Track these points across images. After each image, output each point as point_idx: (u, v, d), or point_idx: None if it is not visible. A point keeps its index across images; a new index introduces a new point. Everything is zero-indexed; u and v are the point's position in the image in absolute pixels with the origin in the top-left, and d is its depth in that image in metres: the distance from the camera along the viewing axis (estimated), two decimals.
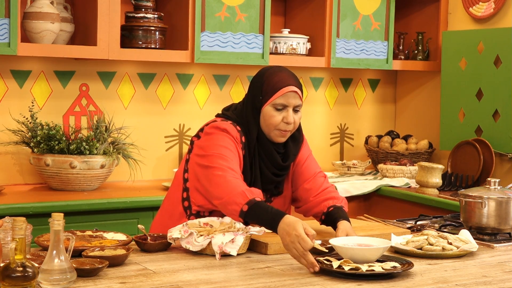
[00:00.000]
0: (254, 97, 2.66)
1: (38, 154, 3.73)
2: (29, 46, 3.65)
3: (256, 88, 2.66)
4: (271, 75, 2.64)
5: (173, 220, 2.72)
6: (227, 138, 2.61)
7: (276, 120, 2.62)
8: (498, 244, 2.76)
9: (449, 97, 4.65)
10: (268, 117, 2.63)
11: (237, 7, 4.16)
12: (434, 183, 4.14)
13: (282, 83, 2.62)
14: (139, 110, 4.29)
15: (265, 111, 2.63)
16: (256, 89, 2.66)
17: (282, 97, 2.61)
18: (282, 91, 2.61)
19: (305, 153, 2.84)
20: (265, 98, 2.62)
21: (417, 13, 4.99)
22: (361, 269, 2.22)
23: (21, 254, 1.91)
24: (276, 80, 2.62)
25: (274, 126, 2.63)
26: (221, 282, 2.16)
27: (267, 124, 2.64)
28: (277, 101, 2.61)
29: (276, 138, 2.66)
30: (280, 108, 2.62)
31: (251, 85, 2.71)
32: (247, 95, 2.72)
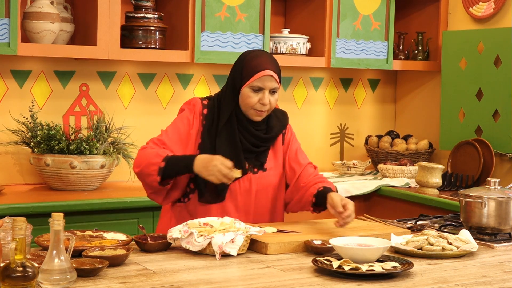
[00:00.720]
0: (234, 79, 2.84)
1: (38, 154, 3.73)
2: (29, 46, 3.65)
3: (236, 70, 2.85)
4: (251, 59, 2.83)
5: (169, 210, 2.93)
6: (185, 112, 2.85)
7: (252, 101, 2.80)
8: (498, 244, 2.76)
9: (449, 97, 4.65)
10: (245, 97, 2.81)
11: (237, 7, 4.16)
12: (434, 183, 4.14)
13: (259, 67, 2.80)
14: (139, 110, 4.29)
15: (243, 92, 2.81)
16: (236, 72, 2.85)
17: (259, 80, 2.79)
18: (259, 74, 2.79)
19: (293, 146, 3.00)
20: (243, 80, 2.81)
21: (417, 13, 4.99)
22: (361, 269, 2.22)
23: (21, 254, 1.91)
24: (254, 64, 2.81)
25: (250, 106, 2.81)
26: (221, 282, 2.16)
27: (244, 104, 2.82)
28: (254, 84, 2.80)
29: (252, 117, 2.84)
30: (257, 89, 2.80)
31: (233, 67, 2.89)
32: (229, 77, 2.89)
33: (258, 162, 2.90)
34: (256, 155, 2.89)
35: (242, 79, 2.81)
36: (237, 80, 2.83)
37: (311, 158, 4.83)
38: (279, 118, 2.97)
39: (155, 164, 2.70)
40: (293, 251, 2.55)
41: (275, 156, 2.95)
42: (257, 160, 2.90)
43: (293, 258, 2.48)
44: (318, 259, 2.32)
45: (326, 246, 2.50)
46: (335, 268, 2.23)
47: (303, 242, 2.57)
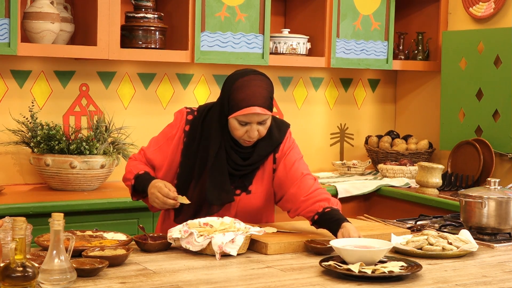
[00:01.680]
0: (223, 105, 2.72)
1: (38, 154, 3.73)
2: (29, 46, 3.65)
3: (225, 96, 2.71)
4: (239, 89, 2.66)
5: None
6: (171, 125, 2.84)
7: (239, 133, 2.69)
8: (498, 244, 2.76)
9: (449, 97, 4.65)
10: (232, 128, 2.70)
11: (237, 7, 4.16)
12: (434, 183, 4.14)
13: (246, 102, 2.63)
14: (139, 110, 4.29)
15: (231, 122, 2.69)
16: (224, 98, 2.71)
17: (245, 116, 2.64)
18: (245, 111, 2.63)
19: (292, 157, 2.81)
20: (230, 111, 2.67)
21: (417, 13, 4.99)
22: (378, 271, 2.21)
23: (21, 254, 1.91)
24: (241, 97, 2.64)
25: (238, 137, 2.71)
26: (221, 282, 2.16)
27: (232, 133, 2.72)
28: (240, 118, 2.65)
29: (243, 144, 2.73)
30: (243, 124, 2.67)
31: (222, 90, 2.75)
32: (219, 97, 2.77)
33: (242, 184, 2.79)
34: (240, 177, 2.78)
35: (229, 109, 2.67)
36: (225, 107, 2.70)
37: (311, 158, 4.84)
38: (272, 137, 2.79)
39: (129, 180, 2.79)
40: (293, 251, 2.55)
41: (263, 177, 2.81)
42: (241, 182, 2.79)
43: (293, 258, 2.48)
44: (326, 264, 2.29)
45: (326, 246, 2.50)
46: (357, 272, 2.20)
47: (303, 242, 2.57)
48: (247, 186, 2.79)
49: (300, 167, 2.79)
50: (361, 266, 2.23)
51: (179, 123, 2.82)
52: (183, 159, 2.79)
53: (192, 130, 2.79)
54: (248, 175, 2.79)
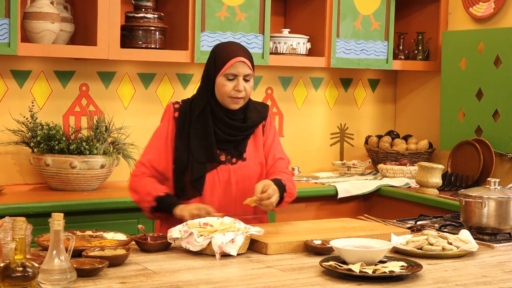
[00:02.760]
0: (209, 70, 2.91)
1: (38, 154, 3.73)
2: (29, 46, 3.65)
3: (209, 62, 2.92)
4: (222, 49, 2.90)
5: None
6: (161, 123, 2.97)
7: (227, 89, 2.86)
8: (498, 244, 2.76)
9: (449, 97, 4.65)
10: (220, 86, 2.87)
11: (237, 7, 4.16)
12: (434, 183, 4.13)
13: (231, 54, 2.86)
14: (139, 110, 4.29)
15: (218, 81, 2.87)
16: (209, 63, 2.91)
17: (232, 67, 2.85)
18: (232, 61, 2.85)
19: (269, 137, 3.01)
20: (217, 70, 2.87)
21: (417, 13, 4.99)
22: (379, 270, 2.21)
23: (21, 254, 1.91)
24: (226, 53, 2.88)
25: (226, 94, 2.86)
26: (221, 282, 2.16)
27: (220, 93, 2.87)
28: (228, 71, 2.85)
29: (229, 105, 2.89)
30: (231, 78, 2.86)
31: (207, 61, 2.94)
32: (203, 72, 2.95)
33: (236, 151, 2.93)
34: (234, 145, 2.92)
35: (215, 69, 2.86)
36: (211, 71, 2.88)
37: (311, 158, 4.83)
38: (259, 110, 3.01)
39: (148, 202, 2.86)
40: (293, 251, 2.55)
41: (255, 146, 2.97)
42: (235, 149, 2.93)
43: (293, 258, 2.48)
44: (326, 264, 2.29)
45: (326, 246, 2.51)
46: (358, 272, 2.21)
47: (303, 242, 2.57)
48: (242, 154, 2.93)
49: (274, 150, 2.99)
50: (361, 266, 2.23)
51: (168, 116, 2.95)
52: (176, 143, 2.90)
53: (181, 115, 2.93)
54: (240, 143, 2.93)
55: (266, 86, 4.71)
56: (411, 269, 2.27)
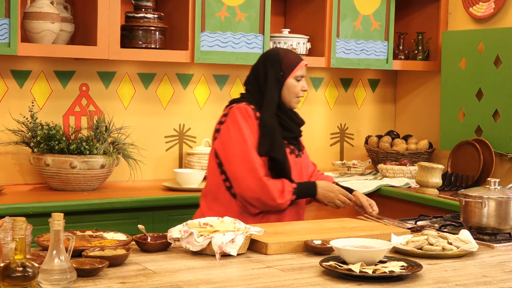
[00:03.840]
0: (275, 74, 3.12)
1: (38, 154, 3.73)
2: (29, 46, 3.65)
3: (274, 67, 3.13)
4: (286, 54, 3.17)
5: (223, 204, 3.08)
6: (244, 123, 3.04)
7: (297, 89, 3.14)
8: (498, 244, 2.75)
9: (449, 97, 4.65)
10: (292, 87, 3.13)
11: (237, 7, 4.16)
12: (434, 183, 4.13)
13: (298, 59, 3.18)
14: (139, 110, 4.29)
15: (289, 82, 3.13)
16: (274, 68, 3.13)
17: (301, 70, 3.16)
18: (301, 65, 3.16)
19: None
20: (286, 73, 3.12)
21: (417, 13, 4.99)
22: (379, 270, 2.21)
23: (21, 254, 1.91)
24: (292, 57, 3.16)
25: (295, 94, 3.15)
26: (221, 282, 2.16)
27: (290, 93, 3.14)
28: (298, 73, 3.15)
29: (294, 105, 3.18)
30: (299, 79, 3.14)
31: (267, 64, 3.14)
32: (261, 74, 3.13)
33: (300, 147, 3.24)
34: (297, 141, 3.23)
35: (284, 72, 3.12)
36: (277, 74, 3.11)
37: (311, 158, 4.84)
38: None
39: (288, 200, 3.06)
40: (293, 251, 2.55)
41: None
42: (297, 145, 3.23)
43: (293, 258, 2.48)
44: (326, 264, 2.29)
45: (326, 246, 2.50)
46: (358, 272, 2.21)
47: (303, 242, 2.57)
48: (301, 149, 3.25)
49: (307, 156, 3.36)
50: (361, 266, 2.23)
51: (250, 117, 3.06)
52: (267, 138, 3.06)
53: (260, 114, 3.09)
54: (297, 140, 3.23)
55: None
56: (411, 269, 2.27)
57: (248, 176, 3.00)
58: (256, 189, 3.00)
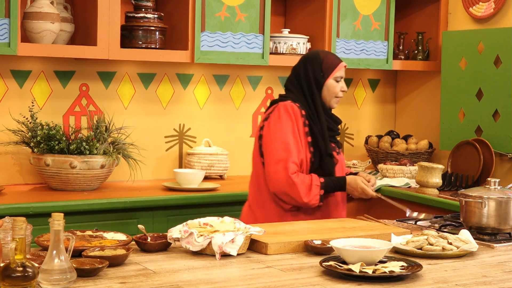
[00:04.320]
0: (315, 75, 3.20)
1: (38, 154, 3.73)
2: (29, 46, 3.65)
3: (314, 69, 3.22)
4: (326, 55, 3.26)
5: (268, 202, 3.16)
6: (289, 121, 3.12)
7: (337, 90, 3.23)
8: (498, 244, 2.75)
9: (449, 97, 4.65)
10: (332, 88, 3.22)
11: (237, 7, 4.16)
12: (434, 183, 4.13)
13: (337, 60, 3.26)
14: (139, 110, 4.29)
15: (329, 84, 3.22)
16: (314, 69, 3.21)
17: (340, 71, 3.24)
18: (340, 66, 3.24)
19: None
20: (326, 74, 3.21)
21: (417, 13, 4.99)
22: (379, 270, 2.21)
23: (21, 254, 1.91)
24: (332, 58, 3.25)
25: (335, 95, 3.23)
26: (221, 282, 2.16)
27: (330, 94, 3.23)
28: (337, 74, 3.23)
29: (334, 105, 3.27)
30: (338, 80, 3.23)
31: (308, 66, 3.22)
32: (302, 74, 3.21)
33: (339, 144, 3.34)
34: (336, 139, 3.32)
35: (324, 74, 3.21)
36: (318, 76, 3.20)
37: None
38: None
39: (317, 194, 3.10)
40: (293, 251, 2.55)
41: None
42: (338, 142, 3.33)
43: (293, 258, 2.48)
44: (326, 264, 2.29)
45: (326, 246, 2.50)
46: (358, 272, 2.21)
47: (303, 242, 2.57)
48: (340, 147, 3.36)
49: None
50: (361, 266, 2.23)
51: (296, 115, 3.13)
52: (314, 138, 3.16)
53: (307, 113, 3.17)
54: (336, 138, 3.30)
55: (266, 86, 4.71)
56: (411, 269, 2.27)
57: (279, 171, 3.07)
58: (284, 185, 3.07)
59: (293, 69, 3.29)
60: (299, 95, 3.21)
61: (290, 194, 3.08)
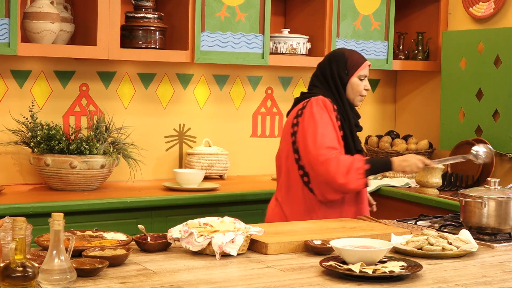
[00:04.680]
0: (339, 72, 3.27)
1: (38, 154, 3.73)
2: (29, 46, 3.65)
3: (340, 65, 3.28)
4: (351, 54, 3.31)
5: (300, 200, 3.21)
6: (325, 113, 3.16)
7: (360, 88, 3.29)
8: (498, 244, 2.76)
9: (449, 97, 4.65)
10: (356, 86, 3.28)
11: (237, 7, 4.16)
12: (434, 183, 4.14)
13: (362, 59, 3.31)
14: (139, 110, 4.29)
15: (353, 81, 3.28)
16: (339, 68, 3.28)
17: (365, 69, 3.30)
18: (365, 65, 3.30)
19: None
20: (350, 72, 3.27)
21: (417, 13, 4.99)
22: (379, 270, 2.21)
23: (21, 254, 1.91)
24: (357, 57, 3.31)
25: (358, 93, 3.29)
26: (221, 282, 2.16)
27: (354, 92, 3.29)
28: (362, 73, 3.29)
29: (357, 103, 3.33)
30: (362, 78, 3.29)
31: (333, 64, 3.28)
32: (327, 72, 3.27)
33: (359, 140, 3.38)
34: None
35: (348, 72, 3.27)
36: (342, 74, 3.27)
37: None
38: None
39: (360, 169, 3.10)
40: (293, 251, 2.55)
41: None
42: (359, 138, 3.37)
43: (293, 258, 2.48)
44: (326, 264, 2.29)
45: (326, 246, 2.50)
46: (358, 272, 2.21)
47: (303, 242, 2.57)
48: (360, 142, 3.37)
49: None
50: (361, 266, 2.23)
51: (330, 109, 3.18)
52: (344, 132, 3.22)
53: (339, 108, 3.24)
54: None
55: (266, 86, 4.71)
56: (411, 269, 2.27)
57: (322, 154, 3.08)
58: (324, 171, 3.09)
59: (318, 66, 3.36)
60: (326, 92, 3.26)
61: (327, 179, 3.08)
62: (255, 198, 4.00)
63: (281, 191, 3.29)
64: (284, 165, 3.26)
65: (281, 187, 3.30)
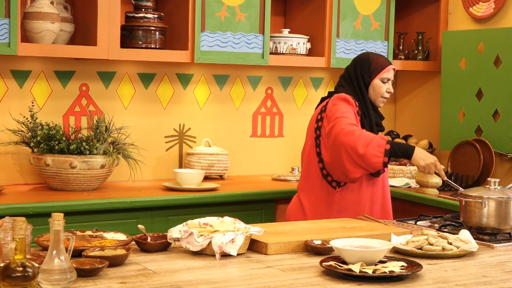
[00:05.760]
0: (363, 74, 3.37)
1: (38, 154, 3.73)
2: (29, 46, 3.65)
3: (363, 69, 3.39)
4: (376, 57, 3.42)
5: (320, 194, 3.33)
6: (347, 105, 3.27)
7: (382, 90, 3.38)
8: (498, 244, 2.75)
9: (449, 97, 4.65)
10: (377, 88, 3.38)
11: (237, 7, 4.16)
12: (434, 183, 4.14)
13: (386, 63, 3.41)
14: (139, 110, 4.29)
15: (375, 83, 3.38)
16: (363, 69, 3.39)
17: (388, 73, 3.39)
18: (388, 68, 3.39)
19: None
20: (373, 74, 3.37)
21: (417, 13, 4.99)
22: (379, 270, 2.21)
23: (21, 254, 1.91)
24: (381, 60, 3.40)
25: (380, 95, 3.39)
26: (221, 282, 2.16)
27: (376, 94, 3.38)
28: (384, 76, 3.38)
29: (379, 104, 3.42)
30: (385, 81, 3.38)
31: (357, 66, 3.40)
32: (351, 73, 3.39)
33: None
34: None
35: (371, 74, 3.37)
36: (365, 75, 3.37)
37: None
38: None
39: (381, 146, 3.10)
40: (293, 251, 2.55)
41: None
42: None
43: (293, 258, 2.48)
44: (326, 264, 2.29)
45: (326, 246, 2.50)
46: (358, 272, 2.21)
47: (303, 242, 2.57)
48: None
49: None
50: (361, 266, 2.23)
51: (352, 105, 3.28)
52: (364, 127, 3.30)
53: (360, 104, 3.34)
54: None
55: (266, 86, 4.71)
56: (411, 269, 2.27)
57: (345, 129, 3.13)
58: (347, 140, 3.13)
59: (346, 68, 3.48)
60: (350, 91, 3.37)
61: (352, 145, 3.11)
62: (255, 198, 4.00)
63: (301, 181, 3.45)
64: (306, 158, 3.40)
65: (301, 178, 3.46)
